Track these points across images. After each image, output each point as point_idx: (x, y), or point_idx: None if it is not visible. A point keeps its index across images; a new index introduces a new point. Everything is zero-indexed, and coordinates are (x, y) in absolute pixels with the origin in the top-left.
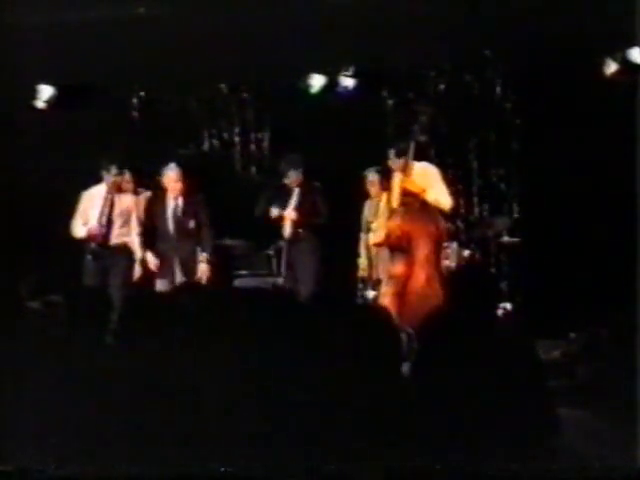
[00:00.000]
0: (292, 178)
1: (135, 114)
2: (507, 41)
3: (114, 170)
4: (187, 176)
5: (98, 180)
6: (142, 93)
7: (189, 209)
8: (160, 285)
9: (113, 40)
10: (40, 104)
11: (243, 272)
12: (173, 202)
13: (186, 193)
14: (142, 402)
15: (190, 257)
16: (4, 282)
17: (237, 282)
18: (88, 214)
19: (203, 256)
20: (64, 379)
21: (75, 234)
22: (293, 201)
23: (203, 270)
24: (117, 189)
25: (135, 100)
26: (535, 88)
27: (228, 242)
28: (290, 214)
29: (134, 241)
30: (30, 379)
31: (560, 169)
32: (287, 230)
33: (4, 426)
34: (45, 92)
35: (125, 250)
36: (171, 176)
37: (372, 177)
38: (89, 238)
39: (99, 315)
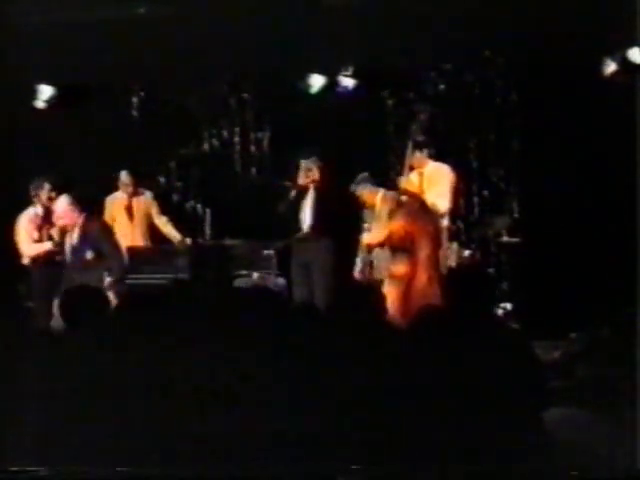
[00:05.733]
0: (305, 174)
1: (135, 114)
2: (507, 41)
3: (47, 186)
4: (82, 206)
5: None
6: (142, 93)
7: (84, 240)
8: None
9: (113, 40)
10: (40, 104)
11: (243, 272)
12: (70, 234)
13: (81, 224)
14: (141, 402)
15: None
16: (4, 282)
17: (237, 282)
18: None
19: (108, 282)
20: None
21: (28, 253)
22: (309, 202)
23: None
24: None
25: (135, 100)
26: (535, 88)
27: (228, 242)
28: (306, 216)
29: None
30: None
31: (560, 169)
32: (302, 229)
33: (4, 426)
34: (45, 92)
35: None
36: (61, 209)
37: (361, 190)
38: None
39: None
